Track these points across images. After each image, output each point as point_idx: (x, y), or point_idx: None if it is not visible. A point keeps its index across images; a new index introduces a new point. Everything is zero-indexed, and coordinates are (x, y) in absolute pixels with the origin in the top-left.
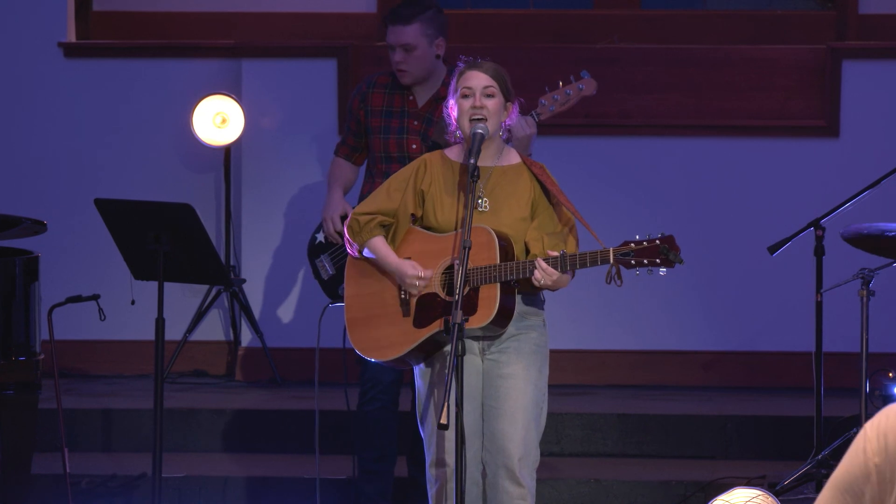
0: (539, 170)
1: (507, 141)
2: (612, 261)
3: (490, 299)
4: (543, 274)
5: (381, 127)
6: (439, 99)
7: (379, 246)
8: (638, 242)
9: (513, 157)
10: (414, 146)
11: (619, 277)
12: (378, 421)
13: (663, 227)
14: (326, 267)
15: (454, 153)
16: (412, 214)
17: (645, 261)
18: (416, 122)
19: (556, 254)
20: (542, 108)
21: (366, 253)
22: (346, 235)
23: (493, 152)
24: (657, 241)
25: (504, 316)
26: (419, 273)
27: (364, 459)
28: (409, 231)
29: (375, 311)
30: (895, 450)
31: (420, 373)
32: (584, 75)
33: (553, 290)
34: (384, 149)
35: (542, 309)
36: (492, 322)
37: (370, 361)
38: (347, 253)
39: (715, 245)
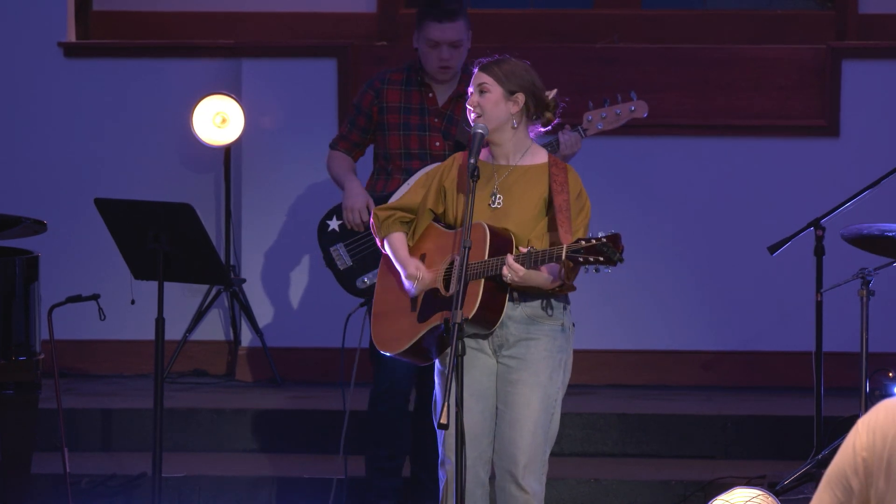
0: (557, 170)
1: (554, 147)
2: (563, 257)
3: (473, 295)
4: (510, 270)
5: (400, 123)
6: (459, 96)
7: (394, 241)
8: (588, 240)
9: (539, 157)
10: (437, 143)
11: (572, 274)
12: (392, 422)
13: (663, 226)
14: (343, 257)
15: (481, 153)
16: (432, 210)
17: (591, 258)
18: (437, 120)
19: (524, 250)
20: (587, 123)
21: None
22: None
23: (511, 148)
24: (603, 239)
25: (489, 310)
26: (417, 274)
27: (377, 458)
28: (428, 227)
29: (393, 305)
30: (882, 445)
31: (438, 372)
32: (633, 96)
33: (545, 288)
34: (404, 145)
35: (562, 313)
36: (474, 318)
37: (383, 363)
38: (366, 248)
39: (715, 245)
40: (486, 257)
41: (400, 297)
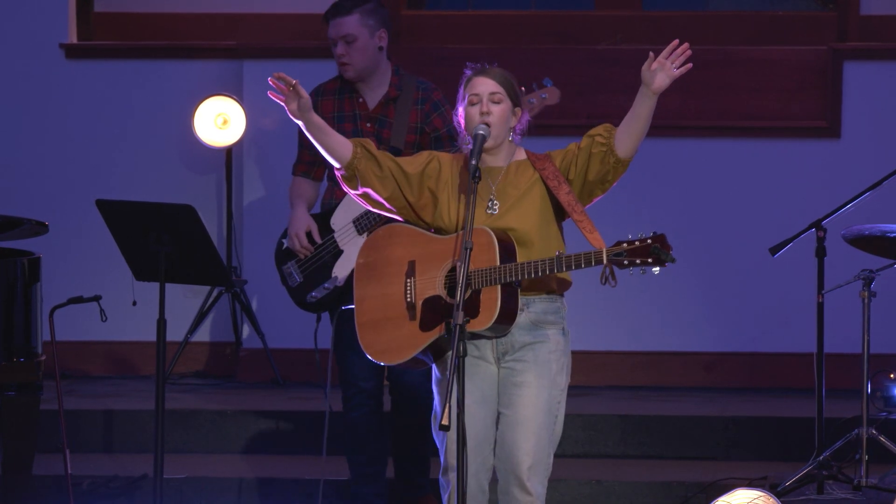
0: (541, 163)
1: None
2: (605, 261)
3: (491, 301)
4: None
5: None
6: (390, 100)
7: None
8: (630, 242)
9: (520, 155)
10: None
11: (614, 278)
12: (367, 426)
13: (665, 228)
14: (294, 275)
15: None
16: (409, 203)
17: (637, 260)
18: (368, 125)
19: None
20: None
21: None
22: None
23: (504, 157)
24: (648, 241)
25: (507, 316)
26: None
27: (357, 464)
28: (413, 232)
29: (383, 314)
30: None
31: (436, 381)
32: (547, 83)
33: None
34: None
35: (562, 318)
36: (495, 322)
37: (345, 367)
38: (314, 263)
39: (716, 246)
40: (498, 263)
41: (387, 304)
